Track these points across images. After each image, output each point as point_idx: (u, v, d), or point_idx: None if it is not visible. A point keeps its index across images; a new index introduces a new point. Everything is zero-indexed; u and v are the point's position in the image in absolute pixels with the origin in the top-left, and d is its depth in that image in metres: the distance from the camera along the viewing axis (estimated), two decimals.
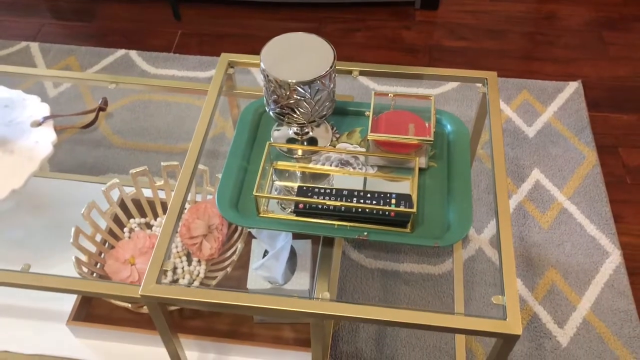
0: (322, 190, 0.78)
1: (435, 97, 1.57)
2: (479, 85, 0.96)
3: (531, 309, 1.18)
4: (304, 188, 0.79)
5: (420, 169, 0.83)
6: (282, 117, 0.80)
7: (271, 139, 0.88)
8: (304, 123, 0.80)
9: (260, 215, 0.79)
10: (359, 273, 1.23)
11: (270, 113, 0.81)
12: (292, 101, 0.77)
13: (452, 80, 0.97)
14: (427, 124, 0.84)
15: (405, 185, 0.83)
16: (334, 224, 0.78)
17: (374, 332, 1.15)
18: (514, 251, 0.75)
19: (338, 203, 0.76)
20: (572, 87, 1.58)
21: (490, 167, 1.39)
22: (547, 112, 1.53)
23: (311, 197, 0.77)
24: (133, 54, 1.71)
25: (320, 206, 0.77)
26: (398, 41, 1.74)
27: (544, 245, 1.28)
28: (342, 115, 0.91)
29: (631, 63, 1.66)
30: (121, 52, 1.72)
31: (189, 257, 1.11)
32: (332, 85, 0.79)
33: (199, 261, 1.10)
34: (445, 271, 1.24)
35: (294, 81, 0.75)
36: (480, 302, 1.19)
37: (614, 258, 1.25)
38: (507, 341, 0.70)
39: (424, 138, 0.81)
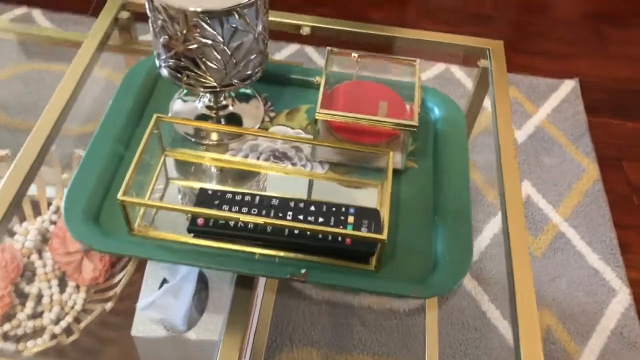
0: (238, 198, 0.48)
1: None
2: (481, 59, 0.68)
3: None
4: (209, 192, 0.49)
5: (395, 171, 0.54)
6: (178, 75, 0.50)
7: (169, 114, 0.57)
8: (215, 87, 0.50)
9: (134, 233, 0.48)
10: (301, 305, 0.94)
11: (162, 70, 0.51)
12: (193, 46, 0.47)
13: (440, 47, 0.69)
14: (407, 104, 0.55)
15: (371, 195, 0.54)
16: (254, 253, 0.48)
17: None
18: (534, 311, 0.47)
19: (261, 220, 0.46)
20: (569, 86, 1.33)
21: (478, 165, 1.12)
22: (539, 114, 1.27)
23: (219, 207, 0.47)
24: (37, 13, 1.38)
25: (232, 223, 0.47)
26: None
27: (536, 278, 1.01)
28: (283, 85, 0.62)
29: (632, 63, 1.42)
30: (21, 9, 1.38)
31: (62, 282, 0.79)
32: (260, 27, 0.49)
33: (77, 287, 0.78)
34: (414, 307, 0.95)
35: (196, 9, 0.45)
36: (459, 352, 0.91)
37: (622, 297, 1.00)
38: None
39: (406, 122, 0.51)
